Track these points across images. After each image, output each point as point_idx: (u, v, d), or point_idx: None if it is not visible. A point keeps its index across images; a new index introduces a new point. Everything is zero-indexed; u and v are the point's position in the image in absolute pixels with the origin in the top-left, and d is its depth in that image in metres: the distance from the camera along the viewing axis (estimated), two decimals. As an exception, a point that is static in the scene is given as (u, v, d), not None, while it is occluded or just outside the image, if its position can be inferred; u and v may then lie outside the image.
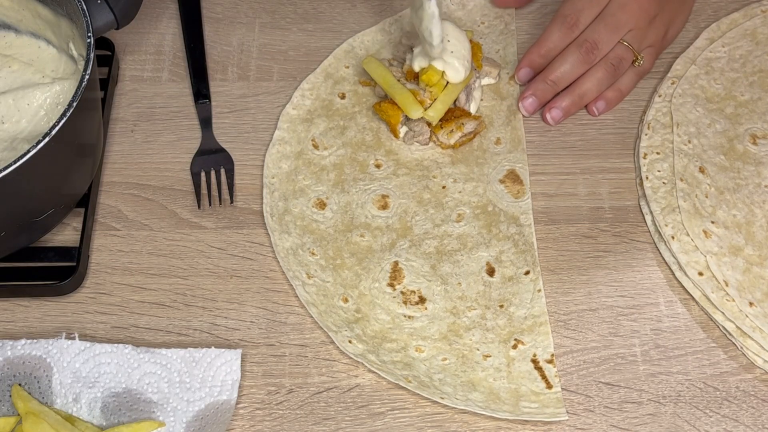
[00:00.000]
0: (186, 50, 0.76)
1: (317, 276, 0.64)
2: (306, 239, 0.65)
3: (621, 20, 0.70)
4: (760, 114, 0.70)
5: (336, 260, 0.64)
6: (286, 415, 0.59)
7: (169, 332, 0.62)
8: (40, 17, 0.65)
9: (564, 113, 0.71)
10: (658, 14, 0.71)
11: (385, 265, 0.64)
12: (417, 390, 0.58)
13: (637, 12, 0.70)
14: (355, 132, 0.71)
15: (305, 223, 0.66)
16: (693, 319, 0.63)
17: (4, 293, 0.63)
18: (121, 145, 0.71)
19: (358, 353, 0.60)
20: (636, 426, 0.59)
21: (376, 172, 0.69)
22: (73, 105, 0.56)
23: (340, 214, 0.67)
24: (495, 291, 0.64)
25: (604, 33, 0.70)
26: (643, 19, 0.70)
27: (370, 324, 0.62)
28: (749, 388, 0.60)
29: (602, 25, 0.70)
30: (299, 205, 0.67)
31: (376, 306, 0.62)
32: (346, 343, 0.60)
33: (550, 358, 0.61)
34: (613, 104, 0.72)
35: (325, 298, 0.63)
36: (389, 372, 0.59)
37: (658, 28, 0.72)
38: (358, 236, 0.65)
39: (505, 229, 0.66)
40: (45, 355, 0.59)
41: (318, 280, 0.63)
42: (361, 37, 0.75)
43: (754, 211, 0.66)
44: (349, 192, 0.68)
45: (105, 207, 0.68)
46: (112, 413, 0.58)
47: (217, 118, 0.72)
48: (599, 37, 0.70)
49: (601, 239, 0.66)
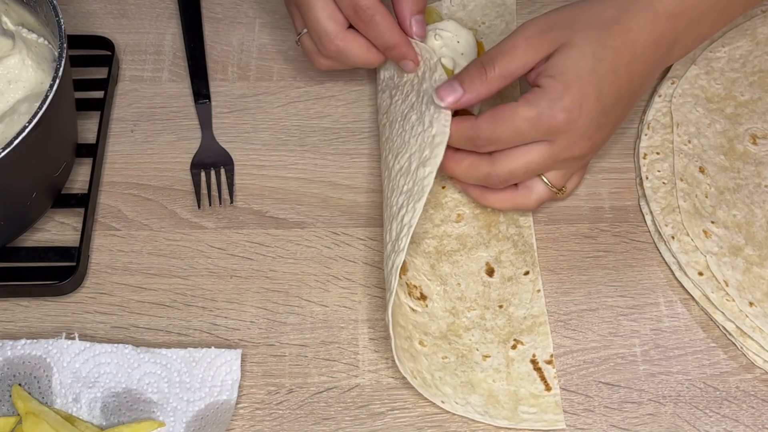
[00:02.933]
0: (186, 50, 0.76)
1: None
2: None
3: (543, 166, 0.61)
4: (760, 114, 0.70)
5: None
6: (286, 415, 0.59)
7: (169, 332, 0.62)
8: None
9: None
10: (592, 148, 0.62)
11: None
12: (420, 389, 0.58)
13: (567, 159, 0.61)
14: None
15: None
16: (693, 319, 0.63)
17: (4, 293, 0.63)
18: (121, 145, 0.71)
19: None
20: (636, 426, 0.59)
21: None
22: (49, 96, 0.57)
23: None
24: (494, 291, 0.64)
25: (519, 172, 0.61)
26: (573, 162, 0.62)
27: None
28: (749, 388, 0.60)
29: (520, 167, 0.60)
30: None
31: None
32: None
33: (549, 358, 0.61)
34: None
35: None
36: (401, 360, 0.58)
37: (588, 158, 0.64)
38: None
39: (505, 229, 0.66)
40: (45, 355, 0.59)
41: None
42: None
43: (754, 211, 0.66)
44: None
45: (105, 207, 0.68)
46: (112, 413, 0.58)
47: (217, 118, 0.72)
48: (512, 176, 0.61)
49: (601, 239, 0.66)
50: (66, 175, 0.67)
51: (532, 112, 0.58)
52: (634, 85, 0.61)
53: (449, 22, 0.69)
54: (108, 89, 0.72)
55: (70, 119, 0.66)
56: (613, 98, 0.60)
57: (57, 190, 0.66)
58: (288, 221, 0.67)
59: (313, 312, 0.63)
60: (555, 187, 0.63)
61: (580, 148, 0.60)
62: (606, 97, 0.59)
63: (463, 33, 0.68)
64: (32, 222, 0.65)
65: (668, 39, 0.60)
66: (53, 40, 0.64)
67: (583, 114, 0.58)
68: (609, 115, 0.60)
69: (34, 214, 0.64)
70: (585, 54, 0.58)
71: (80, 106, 0.69)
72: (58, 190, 0.66)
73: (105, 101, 0.71)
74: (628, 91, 0.61)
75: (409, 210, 0.59)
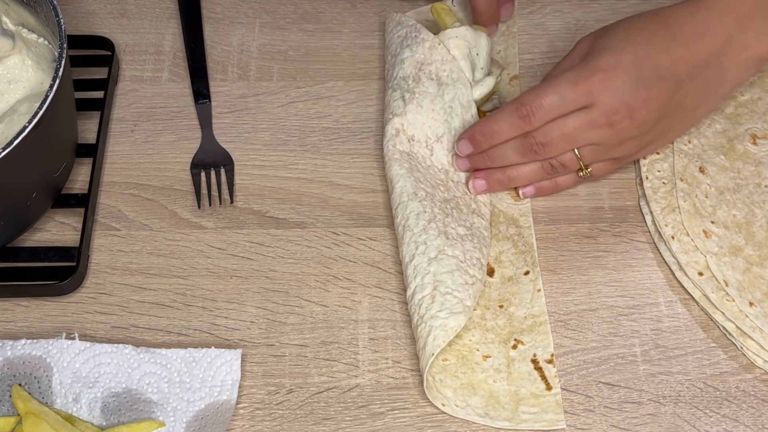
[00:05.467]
0: (186, 50, 0.76)
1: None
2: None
3: (583, 136, 0.62)
4: (760, 114, 0.70)
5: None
6: (286, 415, 0.59)
7: (169, 332, 0.62)
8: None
9: (489, 187, 0.66)
10: (638, 136, 0.63)
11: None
12: (427, 389, 0.58)
13: (606, 132, 0.61)
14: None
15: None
16: (693, 319, 0.63)
17: (4, 293, 0.63)
18: (121, 145, 0.71)
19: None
20: (636, 426, 0.59)
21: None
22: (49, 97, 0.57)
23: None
24: (494, 291, 0.64)
25: (557, 141, 0.62)
26: (612, 140, 0.62)
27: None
28: (749, 388, 0.60)
29: (559, 133, 0.61)
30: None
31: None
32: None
33: (549, 358, 0.61)
34: (544, 193, 0.67)
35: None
36: (429, 386, 0.59)
37: (630, 148, 0.64)
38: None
39: (505, 229, 0.66)
40: (45, 355, 0.59)
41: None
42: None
43: (754, 211, 0.66)
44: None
45: (105, 207, 0.68)
46: (112, 413, 0.58)
47: (217, 118, 0.72)
48: (550, 143, 0.62)
49: (601, 239, 0.66)
50: (66, 175, 0.67)
51: (571, 73, 0.61)
52: (678, 68, 0.60)
53: (461, 29, 0.69)
54: (108, 89, 0.72)
55: (70, 119, 0.66)
56: (652, 71, 0.60)
57: (57, 190, 0.66)
58: (288, 221, 0.67)
59: (313, 312, 0.63)
60: (583, 162, 0.63)
61: (618, 117, 0.60)
62: (643, 66, 0.60)
63: (478, 39, 0.70)
64: (32, 222, 0.65)
65: (714, 32, 0.60)
66: (53, 40, 0.64)
67: (619, 74, 0.60)
68: (650, 90, 0.60)
69: (34, 214, 0.64)
70: (617, 32, 0.62)
71: (80, 106, 0.69)
72: (58, 190, 0.66)
73: (105, 101, 0.71)
74: (672, 74, 0.60)
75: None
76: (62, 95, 0.59)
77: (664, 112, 0.61)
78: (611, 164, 0.65)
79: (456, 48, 0.69)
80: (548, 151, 0.63)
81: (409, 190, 0.64)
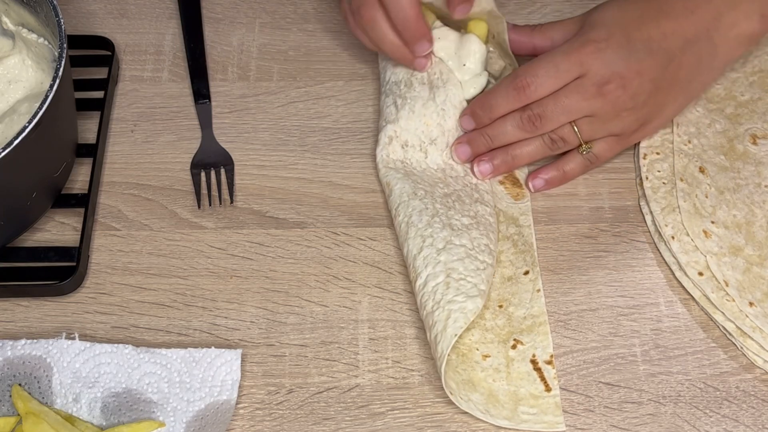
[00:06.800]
0: (186, 50, 0.76)
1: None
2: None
3: (577, 106, 0.63)
4: (760, 114, 0.70)
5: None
6: (286, 415, 0.59)
7: (169, 332, 0.62)
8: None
9: (494, 169, 0.67)
10: (633, 108, 0.63)
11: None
12: (443, 373, 0.58)
13: (599, 102, 0.62)
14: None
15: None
16: (693, 319, 0.63)
17: (4, 293, 0.63)
18: (121, 145, 0.71)
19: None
20: (636, 426, 0.59)
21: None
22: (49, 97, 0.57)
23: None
24: (494, 291, 0.64)
25: (553, 112, 0.63)
26: (607, 111, 0.63)
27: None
28: (749, 388, 0.60)
29: (553, 104, 0.63)
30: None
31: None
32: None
33: (549, 358, 0.60)
34: (553, 184, 0.68)
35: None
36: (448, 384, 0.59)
37: (628, 122, 0.64)
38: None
39: (504, 229, 0.66)
40: (45, 355, 0.59)
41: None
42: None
43: (754, 211, 0.66)
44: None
45: (105, 207, 0.68)
46: (112, 413, 0.58)
47: (217, 118, 0.72)
48: (545, 114, 0.63)
49: (601, 239, 0.66)
50: (66, 175, 0.67)
51: (564, 45, 0.63)
52: (669, 42, 0.62)
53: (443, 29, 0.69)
54: (108, 89, 0.72)
55: (70, 119, 0.66)
56: (643, 44, 0.61)
57: (57, 190, 0.66)
58: (288, 221, 0.67)
59: (313, 312, 0.63)
60: (582, 137, 0.64)
61: (611, 87, 0.62)
62: (635, 40, 0.61)
63: (466, 41, 0.69)
64: (32, 222, 0.65)
65: (704, 9, 0.62)
66: (53, 40, 0.64)
67: (611, 45, 0.62)
68: (641, 62, 0.61)
69: (34, 214, 0.64)
70: (609, 8, 0.64)
71: (80, 106, 0.69)
72: (58, 190, 0.66)
73: (105, 101, 0.71)
74: (664, 48, 0.62)
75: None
76: (62, 95, 0.59)
77: (657, 84, 0.63)
78: (613, 142, 0.66)
79: (441, 50, 0.69)
80: (545, 123, 0.64)
81: (409, 191, 0.65)
